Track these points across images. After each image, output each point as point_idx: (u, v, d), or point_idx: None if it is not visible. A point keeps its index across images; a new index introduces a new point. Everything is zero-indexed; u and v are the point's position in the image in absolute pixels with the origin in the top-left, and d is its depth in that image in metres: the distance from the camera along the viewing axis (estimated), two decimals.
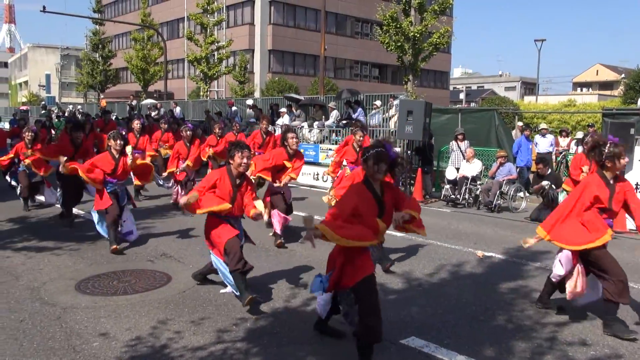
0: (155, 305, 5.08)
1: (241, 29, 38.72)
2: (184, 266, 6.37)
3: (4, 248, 7.09)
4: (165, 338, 4.34)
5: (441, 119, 14.81)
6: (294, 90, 29.52)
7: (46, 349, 4.11)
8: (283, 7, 39.37)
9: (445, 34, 18.28)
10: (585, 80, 71.24)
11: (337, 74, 41.37)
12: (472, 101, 53.33)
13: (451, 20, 23.53)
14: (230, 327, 4.58)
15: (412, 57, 18.14)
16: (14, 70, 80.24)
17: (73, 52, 60.33)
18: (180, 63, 42.59)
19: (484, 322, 4.85)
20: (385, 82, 43.93)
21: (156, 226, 8.56)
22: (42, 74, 60.45)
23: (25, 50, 74.65)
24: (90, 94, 44.01)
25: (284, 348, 4.21)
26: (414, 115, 11.65)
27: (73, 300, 5.17)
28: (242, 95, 30.71)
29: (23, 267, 6.21)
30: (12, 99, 75.64)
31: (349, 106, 16.05)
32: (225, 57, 30.70)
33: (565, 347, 4.35)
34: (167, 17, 43.96)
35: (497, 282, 6.03)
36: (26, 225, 8.59)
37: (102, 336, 4.36)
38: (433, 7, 18.25)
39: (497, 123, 14.00)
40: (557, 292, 5.09)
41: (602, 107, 23.90)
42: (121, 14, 49.91)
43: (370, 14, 28.17)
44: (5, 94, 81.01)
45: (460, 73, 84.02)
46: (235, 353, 4.10)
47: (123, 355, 4.03)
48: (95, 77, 40.06)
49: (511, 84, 69.82)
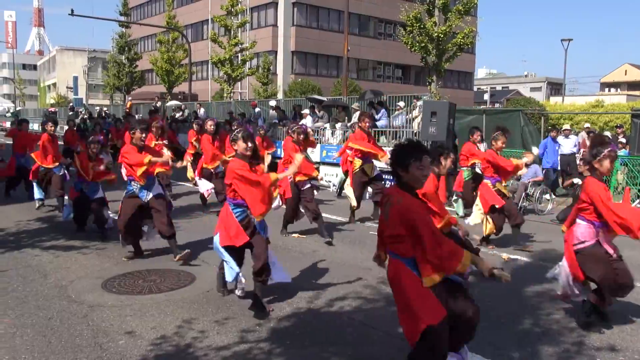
0: (179, 304, 5.12)
1: (264, 30, 38.92)
2: (208, 266, 6.42)
3: (33, 247, 7.24)
4: (190, 337, 4.37)
5: (465, 120, 14.67)
6: (317, 92, 29.53)
7: (73, 346, 4.18)
8: (306, 8, 39.46)
9: (469, 34, 18.11)
10: (613, 80, 69.88)
11: (360, 75, 41.30)
12: (497, 102, 52.69)
13: (475, 20, 23.30)
14: (253, 327, 4.59)
15: (436, 57, 18.01)
16: (42, 72, 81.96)
17: (100, 55, 61.44)
18: (205, 65, 42.98)
19: (510, 325, 4.79)
20: (408, 83, 43.69)
21: (180, 226, 8.63)
22: (70, 76, 61.65)
23: (54, 53, 76.24)
24: (116, 95, 44.69)
25: (307, 349, 4.21)
26: (437, 116, 11.57)
27: (99, 299, 5.25)
28: (265, 97, 30.85)
29: (51, 265, 6.32)
30: (41, 100, 77.23)
31: (372, 107, 16.00)
32: (248, 58, 30.89)
33: (593, 352, 4.27)
34: (192, 20, 44.41)
35: (522, 286, 5.94)
36: (54, 225, 8.75)
37: (127, 334, 4.41)
38: (457, 7, 18.11)
39: (522, 124, 13.81)
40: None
41: (631, 107, 23.38)
42: (147, 17, 50.60)
43: (394, 14, 28.04)
44: (35, 95, 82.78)
45: (485, 73, 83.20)
46: (259, 353, 4.11)
47: (148, 354, 4.07)
48: (121, 79, 40.67)
49: (537, 84, 68.82)
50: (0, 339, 4.30)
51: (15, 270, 6.13)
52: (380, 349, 4.24)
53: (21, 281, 5.75)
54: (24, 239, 7.66)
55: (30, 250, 7.07)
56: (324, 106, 18.30)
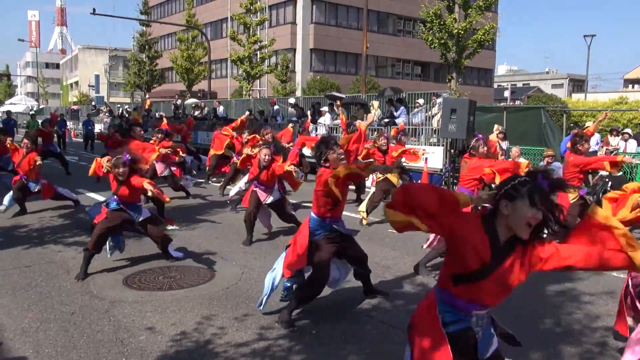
0: (199, 301, 5.16)
1: (283, 28, 38.97)
2: (227, 263, 6.46)
3: (56, 243, 7.36)
4: (209, 334, 4.40)
5: (485, 117, 14.54)
6: (336, 89, 29.49)
7: (95, 341, 4.24)
8: (325, 5, 39.41)
9: (490, 30, 17.94)
10: (637, 77, 68.41)
11: (379, 73, 41.16)
12: (518, 99, 52.05)
13: (496, 16, 23.07)
14: (272, 324, 4.61)
15: (456, 54, 17.88)
16: (65, 71, 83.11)
17: (121, 53, 62.07)
18: (224, 63, 43.19)
19: (531, 325, 4.73)
20: (427, 80, 43.45)
21: (200, 224, 8.71)
22: (91, 74, 62.41)
23: (76, 51, 77.22)
24: (137, 93, 45.21)
25: (326, 347, 4.21)
26: (457, 113, 11.47)
27: (121, 295, 5.31)
28: (283, 94, 30.93)
29: (74, 261, 6.41)
30: (64, 99, 78.37)
31: (391, 104, 15.92)
32: (267, 56, 30.97)
33: (616, 353, 4.20)
34: (211, 18, 44.67)
35: (544, 285, 5.86)
36: (76, 221, 8.86)
37: (148, 330, 4.46)
38: (478, 3, 17.95)
39: (544, 121, 13.64)
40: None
41: None
42: (167, 16, 51.00)
43: (413, 11, 27.91)
44: (57, 94, 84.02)
45: (505, 70, 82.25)
46: (278, 350, 4.13)
47: (169, 350, 4.11)
48: (142, 77, 41.10)
49: (558, 81, 67.90)
50: (25, 333, 4.38)
51: (39, 266, 6.24)
52: (400, 348, 4.20)
53: (44, 277, 5.85)
54: (47, 235, 7.78)
55: (53, 246, 7.19)
56: (343, 104, 18.26)
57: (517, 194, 2.50)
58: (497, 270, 2.58)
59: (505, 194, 2.55)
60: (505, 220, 2.55)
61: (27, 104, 56.61)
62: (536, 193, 2.47)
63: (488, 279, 2.59)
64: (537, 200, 2.46)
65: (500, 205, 2.55)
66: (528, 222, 2.48)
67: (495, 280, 2.60)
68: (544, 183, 2.52)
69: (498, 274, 2.58)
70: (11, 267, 6.20)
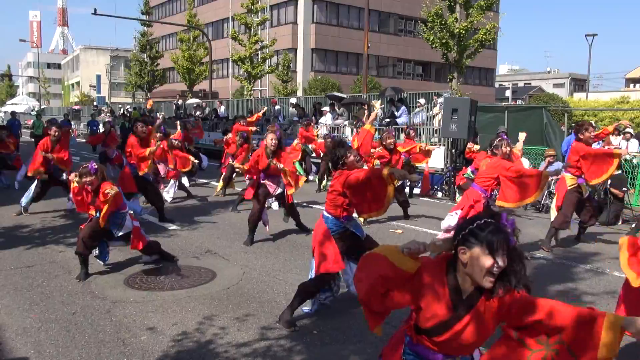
0: (200, 301, 5.17)
1: (284, 28, 38.99)
2: (228, 263, 6.46)
3: (57, 243, 7.37)
4: (211, 334, 4.41)
5: (487, 117, 14.53)
6: (337, 89, 29.52)
7: (96, 341, 4.24)
8: (326, 5, 39.42)
9: (491, 30, 17.93)
10: (639, 76, 68.37)
11: (380, 72, 41.15)
12: (519, 98, 52.06)
13: (497, 15, 23.06)
14: (273, 324, 4.61)
15: (457, 54, 17.87)
16: (66, 71, 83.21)
17: (122, 54, 62.11)
18: (225, 63, 43.22)
19: None
20: (429, 79, 43.43)
21: (201, 223, 8.71)
22: (93, 74, 62.56)
23: (77, 52, 77.34)
24: (138, 93, 45.26)
25: (327, 347, 4.21)
26: (458, 113, 11.49)
27: (122, 295, 5.32)
28: (285, 94, 30.95)
29: (75, 261, 6.39)
30: (65, 99, 78.47)
31: (392, 104, 15.92)
32: (268, 56, 30.99)
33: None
34: (212, 18, 44.71)
35: (545, 284, 5.85)
36: (78, 221, 8.84)
37: (149, 330, 4.46)
38: (479, 2, 17.93)
39: (545, 121, 13.63)
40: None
41: None
42: (168, 16, 51.05)
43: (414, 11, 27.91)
44: (59, 94, 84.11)
45: (507, 70, 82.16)
46: (279, 350, 4.13)
47: (170, 350, 4.12)
48: (143, 77, 41.13)
49: (560, 80, 67.83)
50: (26, 333, 4.38)
51: (41, 266, 6.25)
52: None
53: (46, 277, 5.86)
54: (49, 235, 7.80)
55: (54, 246, 7.20)
56: (344, 104, 18.27)
57: (474, 240, 2.16)
58: (454, 327, 2.26)
59: (463, 240, 2.20)
60: (464, 269, 2.21)
61: (29, 104, 56.74)
62: (497, 238, 2.13)
63: (444, 336, 2.28)
64: (498, 248, 2.12)
65: (458, 253, 2.21)
66: (489, 271, 2.15)
67: (454, 338, 2.28)
68: (509, 225, 2.18)
69: (455, 331, 2.27)
70: (13, 267, 6.21)
